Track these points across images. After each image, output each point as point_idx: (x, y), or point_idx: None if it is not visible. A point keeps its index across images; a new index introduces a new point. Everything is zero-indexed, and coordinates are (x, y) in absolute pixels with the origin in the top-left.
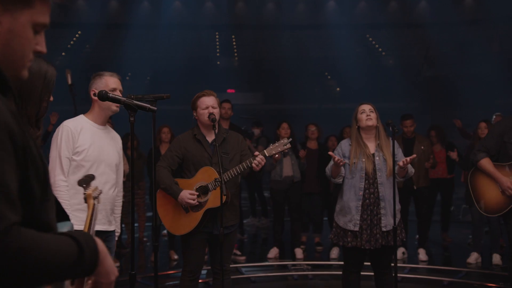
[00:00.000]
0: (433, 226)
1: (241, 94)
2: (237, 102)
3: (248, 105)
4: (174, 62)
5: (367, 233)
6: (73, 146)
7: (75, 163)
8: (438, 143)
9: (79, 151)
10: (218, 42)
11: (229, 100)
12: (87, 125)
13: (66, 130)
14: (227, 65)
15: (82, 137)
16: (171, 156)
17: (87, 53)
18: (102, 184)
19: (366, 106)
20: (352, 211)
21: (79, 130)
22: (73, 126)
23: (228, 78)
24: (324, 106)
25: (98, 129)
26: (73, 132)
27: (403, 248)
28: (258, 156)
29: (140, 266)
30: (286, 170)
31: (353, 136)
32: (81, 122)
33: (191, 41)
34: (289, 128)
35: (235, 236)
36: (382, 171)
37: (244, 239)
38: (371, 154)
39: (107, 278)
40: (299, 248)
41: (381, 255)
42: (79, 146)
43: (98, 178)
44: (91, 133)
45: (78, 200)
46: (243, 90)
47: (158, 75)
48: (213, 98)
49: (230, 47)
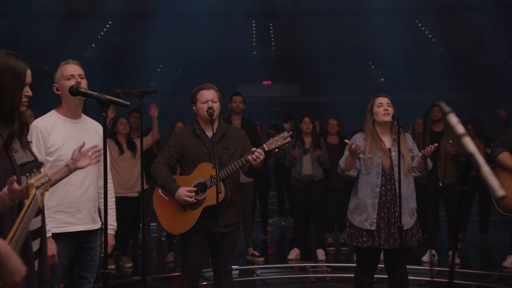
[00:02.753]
0: (472, 227)
1: (278, 86)
2: (274, 94)
3: (285, 98)
4: (206, 53)
5: (385, 232)
6: (45, 147)
7: (49, 164)
8: (476, 138)
9: (52, 151)
10: (255, 31)
11: (241, 93)
12: (59, 121)
13: (36, 131)
14: (264, 56)
15: (54, 135)
16: (169, 151)
17: (118, 45)
18: (80, 181)
19: (384, 99)
20: (369, 209)
21: (50, 128)
22: (43, 125)
23: (264, 69)
24: (366, 98)
25: (72, 124)
26: (43, 132)
27: (432, 250)
28: (256, 151)
29: (158, 266)
30: (305, 168)
31: (367, 130)
32: (51, 119)
33: (224, 31)
34: (311, 122)
35: (236, 235)
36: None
37: (267, 240)
38: (387, 149)
39: (10, 279)
40: (321, 249)
41: (396, 256)
42: (52, 145)
43: (76, 175)
44: (65, 129)
45: (56, 201)
46: (280, 81)
47: (190, 67)
48: (213, 92)
49: (267, 36)
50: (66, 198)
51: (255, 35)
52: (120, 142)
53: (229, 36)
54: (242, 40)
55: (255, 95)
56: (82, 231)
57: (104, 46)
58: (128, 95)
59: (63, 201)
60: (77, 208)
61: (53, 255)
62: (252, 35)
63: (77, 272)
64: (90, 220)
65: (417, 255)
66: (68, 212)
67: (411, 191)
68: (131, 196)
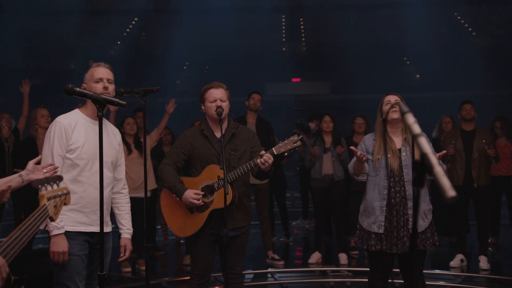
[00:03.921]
0: (506, 230)
1: (307, 83)
2: (303, 92)
3: (314, 96)
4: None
5: (394, 236)
6: (66, 143)
7: (69, 161)
8: (503, 136)
9: (72, 149)
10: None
11: (259, 92)
12: (82, 120)
13: (59, 126)
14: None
15: (76, 134)
16: (177, 152)
17: (143, 42)
18: (96, 182)
19: (392, 97)
20: (376, 212)
21: (73, 126)
22: (66, 122)
23: (294, 66)
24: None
25: (93, 125)
26: (67, 129)
27: (461, 255)
28: (265, 155)
29: (176, 270)
30: (326, 167)
31: (377, 130)
32: (75, 118)
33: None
34: (332, 121)
35: (246, 238)
36: (409, 168)
37: (289, 243)
38: (397, 149)
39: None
40: (344, 253)
41: (410, 260)
42: (73, 143)
43: (93, 177)
44: (86, 129)
45: (73, 199)
46: (309, 79)
47: (216, 65)
48: (222, 91)
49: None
50: (82, 198)
51: (284, 31)
52: (128, 142)
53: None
54: (270, 36)
55: (283, 93)
56: (93, 232)
57: (129, 43)
58: (131, 94)
59: (80, 200)
60: (92, 209)
61: (64, 251)
62: (282, 30)
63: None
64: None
65: (445, 259)
66: (83, 212)
67: (423, 193)
68: (141, 197)
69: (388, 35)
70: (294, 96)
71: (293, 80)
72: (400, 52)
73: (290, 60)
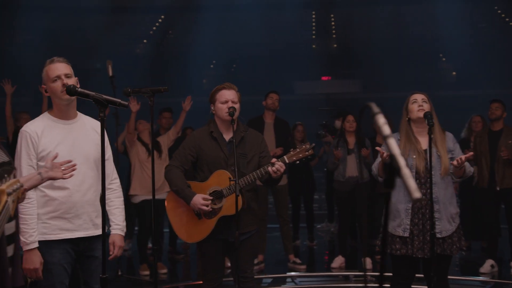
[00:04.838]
0: None
1: (338, 81)
2: (333, 90)
3: (345, 94)
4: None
5: (419, 240)
6: (35, 152)
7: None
8: None
9: (44, 155)
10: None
11: (277, 92)
12: (51, 123)
13: (25, 136)
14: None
15: (45, 140)
16: (184, 154)
17: (170, 40)
18: (78, 185)
19: (419, 96)
20: (401, 215)
21: (40, 132)
22: (32, 129)
23: (324, 64)
24: (437, 94)
25: (65, 125)
26: (33, 136)
27: (491, 260)
28: (276, 163)
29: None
30: (349, 169)
31: (402, 130)
32: (43, 122)
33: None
34: (355, 121)
35: (255, 241)
36: (435, 169)
37: (313, 246)
38: (423, 150)
39: None
40: (368, 258)
41: (436, 266)
42: (43, 150)
43: (72, 179)
44: (58, 131)
45: (53, 207)
46: (340, 77)
47: (244, 63)
48: (233, 92)
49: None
50: (63, 203)
51: (314, 27)
52: (146, 143)
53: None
54: (300, 33)
55: (312, 92)
56: (80, 237)
57: (155, 41)
58: (139, 94)
59: (60, 206)
60: (76, 214)
61: (35, 268)
62: (312, 27)
63: (82, 282)
64: (91, 226)
65: (476, 265)
66: (65, 218)
67: (450, 195)
68: (160, 199)
69: (422, 31)
70: (324, 95)
71: (322, 78)
72: (435, 48)
73: (319, 58)
